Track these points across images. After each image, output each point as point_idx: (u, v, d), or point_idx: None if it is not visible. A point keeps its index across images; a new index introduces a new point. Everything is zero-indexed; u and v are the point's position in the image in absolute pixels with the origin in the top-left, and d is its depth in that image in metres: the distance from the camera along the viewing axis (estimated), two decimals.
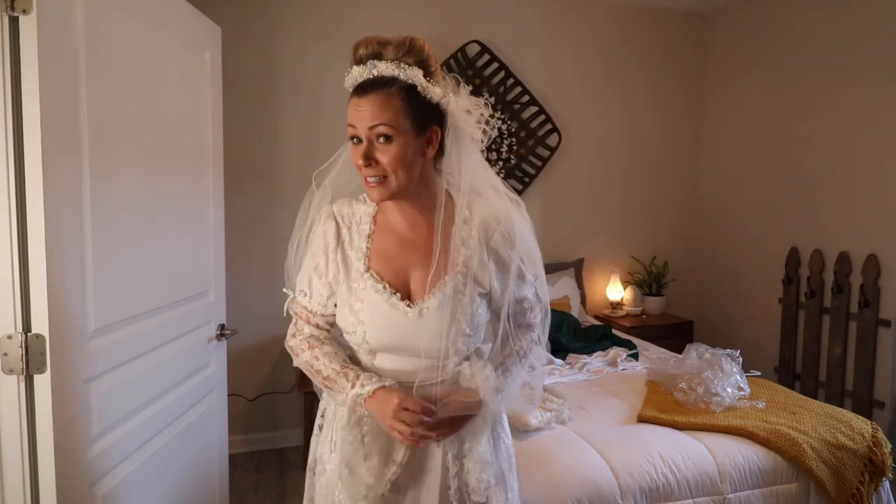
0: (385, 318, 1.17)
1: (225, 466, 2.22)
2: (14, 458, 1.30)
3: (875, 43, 3.08)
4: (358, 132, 1.12)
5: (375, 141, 1.11)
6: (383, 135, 1.11)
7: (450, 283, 1.17)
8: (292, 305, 1.29)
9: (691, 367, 2.43)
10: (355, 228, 1.23)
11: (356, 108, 1.12)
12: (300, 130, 3.34)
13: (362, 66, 1.13)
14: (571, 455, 1.92)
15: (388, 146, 1.11)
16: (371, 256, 1.21)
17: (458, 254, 1.19)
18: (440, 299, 1.16)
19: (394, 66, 1.11)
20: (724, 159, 4.09)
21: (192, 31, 1.95)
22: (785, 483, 2.00)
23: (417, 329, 1.16)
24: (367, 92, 1.11)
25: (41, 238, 1.26)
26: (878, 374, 3.10)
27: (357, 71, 1.13)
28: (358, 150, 1.13)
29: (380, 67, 1.11)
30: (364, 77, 1.12)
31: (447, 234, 1.19)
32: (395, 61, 1.11)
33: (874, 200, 3.12)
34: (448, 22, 3.60)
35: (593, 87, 3.97)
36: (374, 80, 1.11)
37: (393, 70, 1.11)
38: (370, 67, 1.12)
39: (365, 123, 1.11)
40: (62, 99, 1.33)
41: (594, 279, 4.10)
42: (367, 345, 1.19)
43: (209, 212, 2.08)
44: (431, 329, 1.16)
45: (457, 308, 1.17)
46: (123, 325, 1.57)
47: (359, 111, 1.12)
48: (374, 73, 1.11)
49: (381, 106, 1.10)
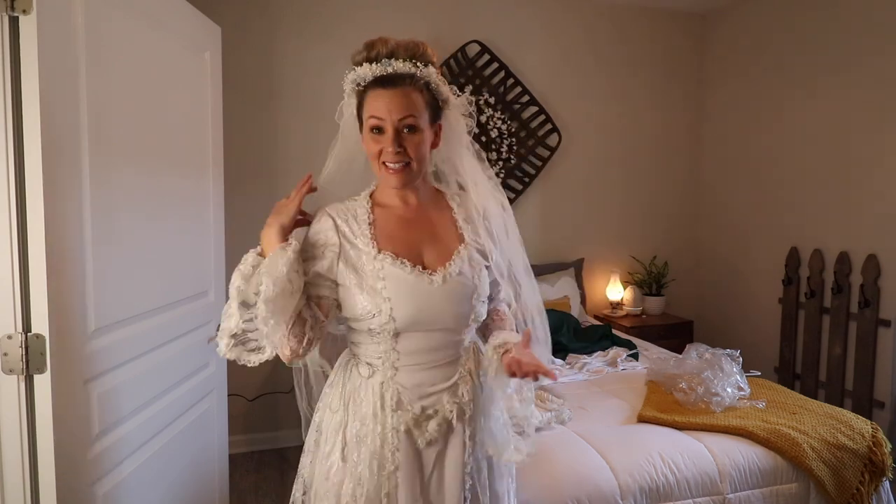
0: (411, 290, 1.21)
1: (225, 466, 2.22)
2: (14, 458, 1.30)
3: (875, 43, 3.08)
4: (385, 123, 1.19)
5: (402, 131, 1.19)
6: (410, 125, 1.19)
7: (463, 252, 1.27)
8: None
9: (691, 367, 2.43)
10: (352, 220, 1.27)
11: (380, 100, 1.19)
12: (300, 130, 3.34)
13: (376, 63, 1.19)
14: (571, 455, 1.92)
15: (413, 136, 1.20)
16: (378, 239, 1.25)
17: (465, 228, 1.30)
18: (459, 265, 1.25)
19: (411, 64, 1.20)
20: (724, 159, 4.09)
21: (192, 31, 1.95)
22: (785, 483, 2.00)
23: (442, 297, 1.22)
24: (394, 85, 1.19)
25: (41, 238, 1.26)
26: (878, 374, 3.10)
27: (372, 67, 1.20)
28: (384, 139, 1.20)
29: (396, 65, 1.19)
30: (384, 72, 1.19)
31: (448, 213, 1.32)
32: (410, 61, 1.20)
33: (874, 200, 3.12)
34: (448, 22, 3.60)
35: (593, 87, 3.97)
36: (397, 75, 1.19)
37: (411, 68, 1.20)
38: (386, 65, 1.19)
39: (395, 115, 1.18)
40: (62, 99, 1.33)
41: (594, 279, 4.10)
42: (392, 323, 1.20)
43: (209, 212, 2.08)
44: (456, 295, 1.24)
45: (474, 274, 1.26)
46: (123, 325, 1.57)
47: (385, 103, 1.19)
48: (393, 70, 1.19)
49: (409, 98, 1.19)
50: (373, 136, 1.21)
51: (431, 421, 1.24)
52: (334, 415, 1.29)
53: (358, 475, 1.22)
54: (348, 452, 1.25)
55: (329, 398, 1.33)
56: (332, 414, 1.30)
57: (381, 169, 1.22)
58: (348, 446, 1.25)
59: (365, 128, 1.23)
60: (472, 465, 1.27)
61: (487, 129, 3.69)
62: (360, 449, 1.23)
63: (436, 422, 1.24)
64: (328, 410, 1.31)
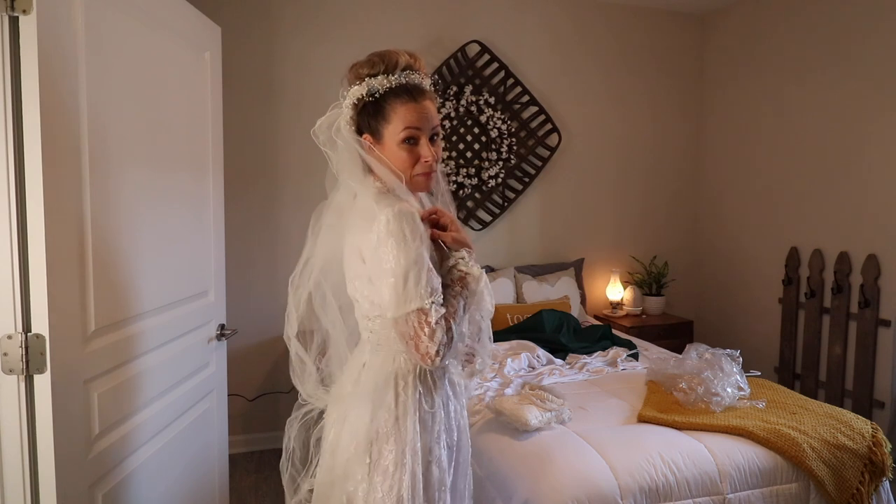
0: None
1: (225, 466, 2.22)
2: (14, 458, 1.29)
3: (875, 42, 3.08)
4: (422, 132, 1.25)
5: (429, 139, 1.26)
6: (437, 134, 1.28)
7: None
8: (438, 316, 1.16)
9: (691, 367, 2.43)
10: None
11: (417, 112, 1.24)
12: (300, 130, 3.34)
13: (392, 75, 1.24)
14: (571, 455, 1.92)
15: (437, 144, 1.28)
16: None
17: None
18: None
19: (422, 75, 1.27)
20: (724, 159, 4.09)
21: (192, 31, 1.95)
22: (785, 483, 2.00)
23: None
24: (425, 97, 1.26)
25: (41, 238, 1.26)
26: (878, 374, 3.10)
27: (389, 79, 1.23)
28: (422, 149, 1.25)
29: (417, 78, 1.26)
30: (420, 83, 1.26)
31: None
32: (421, 72, 1.27)
33: (874, 200, 3.12)
34: (448, 22, 3.60)
35: (593, 87, 3.97)
36: (422, 86, 1.26)
37: (428, 82, 1.28)
38: (407, 75, 1.24)
39: (430, 124, 1.25)
40: (62, 99, 1.33)
41: (594, 279, 4.10)
42: None
43: (209, 212, 2.08)
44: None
45: None
46: (123, 325, 1.57)
47: (422, 114, 1.24)
48: (418, 80, 1.25)
49: (435, 109, 1.28)
50: (408, 146, 1.24)
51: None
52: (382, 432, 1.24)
53: (437, 460, 1.27)
54: (410, 453, 1.23)
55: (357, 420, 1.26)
56: (380, 434, 1.24)
57: (415, 177, 1.26)
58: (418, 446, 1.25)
59: (397, 139, 1.24)
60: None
61: (487, 129, 3.69)
62: (435, 446, 1.27)
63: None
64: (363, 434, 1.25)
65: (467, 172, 3.68)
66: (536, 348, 2.97)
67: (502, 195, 3.80)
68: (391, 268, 1.15)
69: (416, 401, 1.25)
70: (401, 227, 1.16)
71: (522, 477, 1.87)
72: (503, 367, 2.74)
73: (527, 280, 3.68)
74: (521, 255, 3.90)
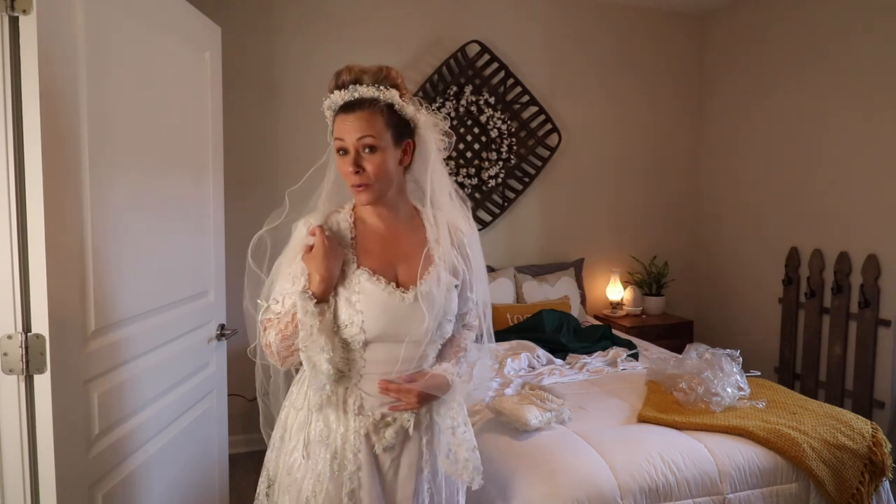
0: (383, 306, 1.28)
1: (225, 466, 2.22)
2: (14, 458, 1.29)
3: (874, 42, 3.08)
4: (346, 144, 1.26)
5: (362, 151, 1.26)
6: (369, 146, 1.25)
7: (434, 272, 1.32)
8: (265, 314, 1.34)
9: (691, 367, 2.43)
10: (336, 233, 1.34)
11: (344, 124, 1.27)
12: (300, 130, 3.34)
13: (344, 90, 1.27)
14: (571, 455, 1.92)
15: (373, 156, 1.26)
16: (358, 255, 1.33)
17: (436, 248, 1.35)
18: (430, 285, 1.31)
19: (374, 89, 1.27)
20: (724, 159, 4.09)
21: (192, 31, 1.95)
22: (785, 483, 2.00)
23: (412, 313, 1.29)
24: (354, 109, 1.26)
25: (41, 238, 1.26)
26: (878, 374, 3.10)
27: (339, 94, 1.28)
28: (347, 160, 1.27)
29: (361, 90, 1.27)
30: (348, 98, 1.27)
31: (422, 232, 1.37)
32: (374, 85, 1.27)
33: (874, 200, 3.12)
34: (448, 22, 3.60)
35: (593, 87, 3.97)
36: (359, 100, 1.27)
37: (374, 92, 1.27)
38: (352, 91, 1.27)
39: (353, 136, 1.25)
40: (62, 99, 1.33)
41: (594, 279, 4.10)
42: (363, 334, 1.28)
43: (209, 211, 2.08)
44: (425, 313, 1.29)
45: (443, 294, 1.32)
46: (123, 325, 1.57)
47: (347, 125, 1.26)
48: (357, 95, 1.26)
49: (368, 121, 1.26)
50: (339, 157, 1.29)
51: (389, 428, 1.32)
52: (298, 413, 1.36)
53: (318, 472, 1.29)
54: (311, 450, 1.31)
55: (294, 396, 1.39)
56: (296, 412, 1.37)
57: (350, 188, 1.29)
58: (311, 444, 1.32)
59: (333, 150, 1.31)
60: (427, 471, 1.36)
61: (487, 129, 3.69)
62: (321, 448, 1.30)
63: (393, 429, 1.32)
64: (293, 409, 1.38)
65: (467, 172, 3.68)
66: (536, 348, 2.97)
67: (502, 195, 3.80)
68: None
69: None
70: (294, 234, 1.33)
71: (522, 477, 1.87)
72: (503, 367, 2.74)
73: (527, 280, 3.68)
74: (521, 254, 3.90)
